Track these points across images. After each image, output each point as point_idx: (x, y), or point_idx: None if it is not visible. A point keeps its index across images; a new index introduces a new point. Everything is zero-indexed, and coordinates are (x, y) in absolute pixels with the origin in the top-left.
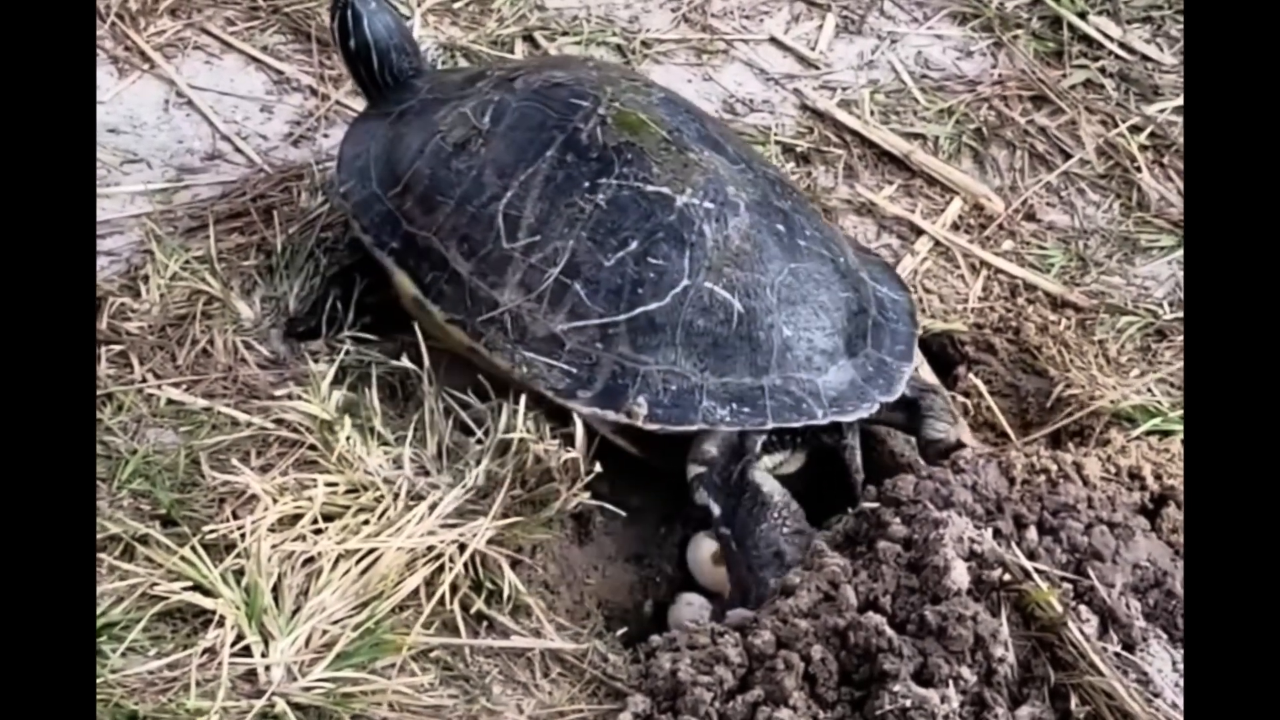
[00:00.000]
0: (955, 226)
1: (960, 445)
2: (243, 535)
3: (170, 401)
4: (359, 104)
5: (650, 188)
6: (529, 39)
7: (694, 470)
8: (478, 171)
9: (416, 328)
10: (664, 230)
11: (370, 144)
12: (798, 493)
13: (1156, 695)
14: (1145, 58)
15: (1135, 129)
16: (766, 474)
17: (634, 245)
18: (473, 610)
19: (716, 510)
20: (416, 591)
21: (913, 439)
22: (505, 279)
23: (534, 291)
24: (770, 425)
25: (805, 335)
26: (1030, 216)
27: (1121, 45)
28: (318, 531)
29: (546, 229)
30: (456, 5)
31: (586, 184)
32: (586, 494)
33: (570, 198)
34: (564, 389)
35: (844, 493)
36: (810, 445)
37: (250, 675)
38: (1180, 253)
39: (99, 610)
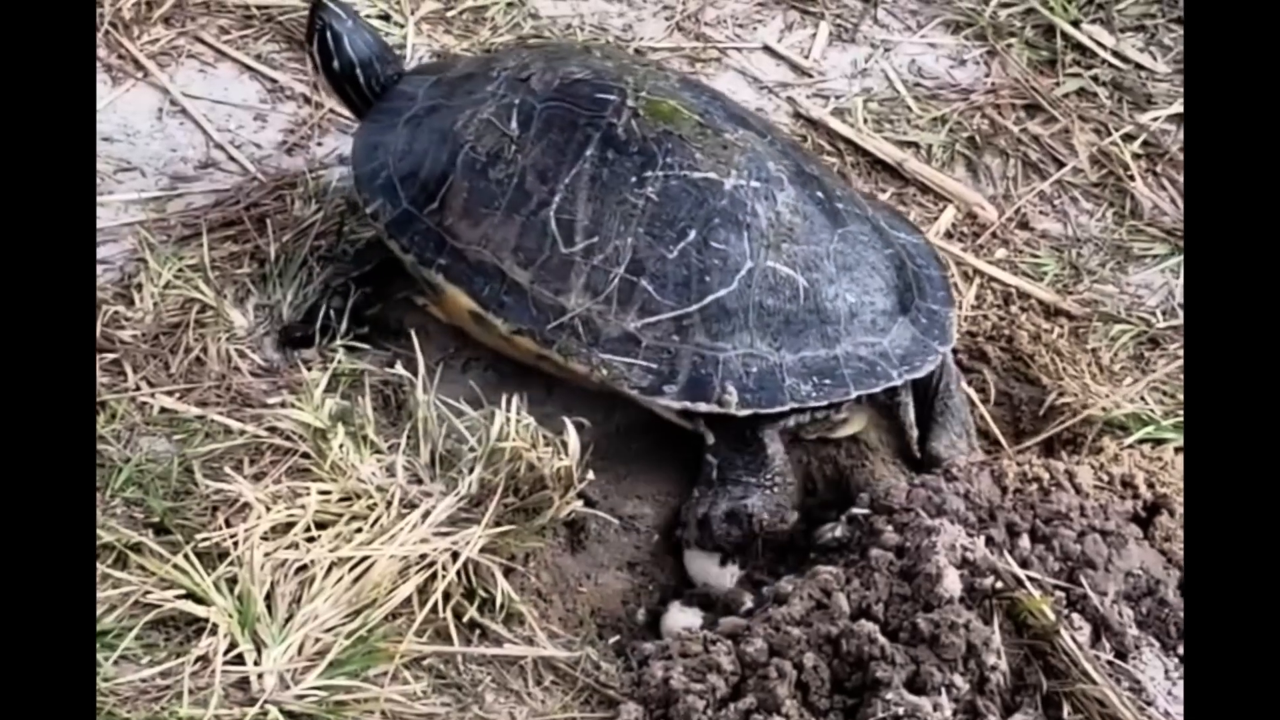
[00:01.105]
0: (949, 235)
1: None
2: (236, 543)
3: (163, 410)
4: (348, 110)
5: (697, 174)
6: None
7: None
8: (519, 179)
9: (414, 336)
10: (719, 215)
11: (388, 158)
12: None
13: (1149, 703)
14: (1138, 66)
15: (1128, 137)
16: (777, 441)
17: (693, 234)
18: (465, 618)
19: (710, 439)
20: (409, 599)
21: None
22: (569, 284)
23: (601, 293)
24: (854, 394)
25: (867, 299)
26: (1023, 225)
27: (1115, 54)
28: (311, 539)
29: (603, 229)
30: (450, 13)
31: (634, 178)
32: (579, 502)
33: (620, 194)
34: (648, 386)
35: (840, 495)
36: (868, 403)
37: (243, 683)
38: (1173, 261)
39: None
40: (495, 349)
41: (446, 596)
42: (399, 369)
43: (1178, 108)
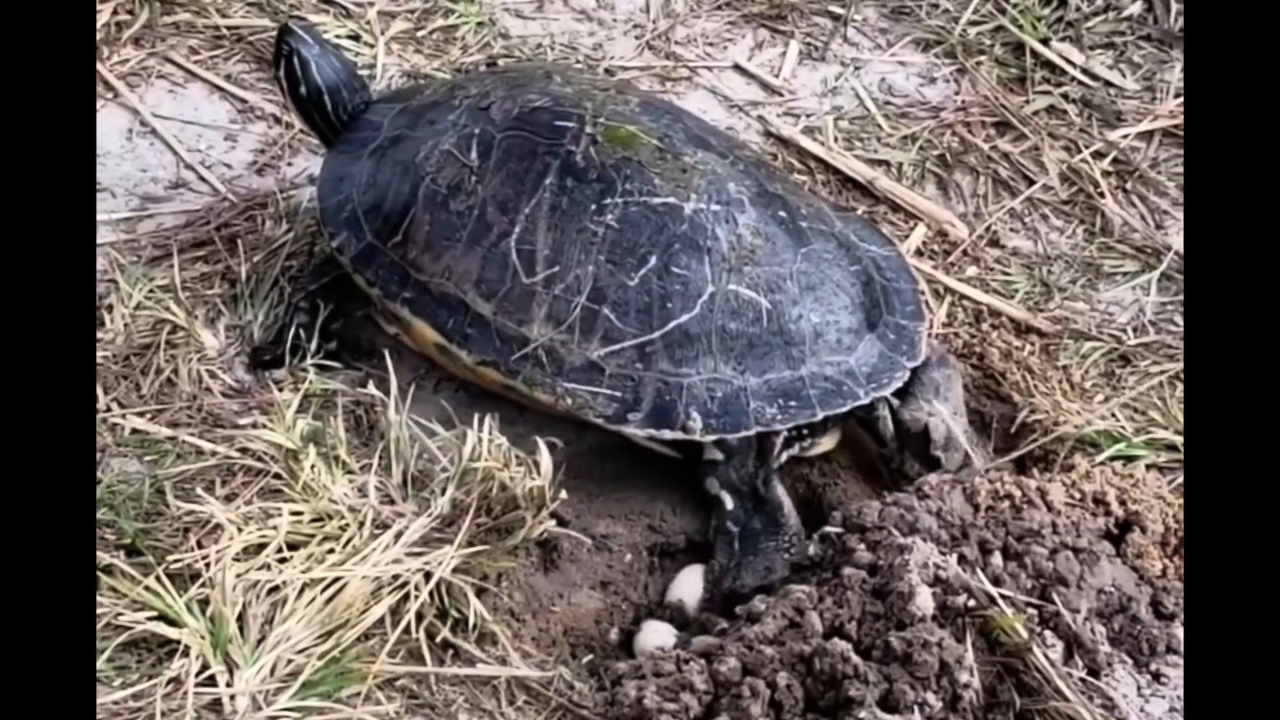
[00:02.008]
0: (919, 252)
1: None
2: (207, 564)
3: (135, 431)
4: (314, 135)
5: (657, 199)
6: (493, 66)
7: (710, 454)
8: (479, 210)
9: (387, 356)
10: (680, 240)
11: (352, 191)
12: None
13: None
14: (1108, 84)
15: (1098, 155)
16: (784, 491)
17: (653, 261)
18: (438, 639)
19: (729, 504)
20: (382, 620)
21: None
22: (531, 314)
23: (564, 322)
24: (820, 414)
25: (831, 318)
26: (994, 242)
27: (1084, 71)
28: (282, 560)
29: (563, 258)
30: (420, 33)
31: (593, 206)
32: (552, 521)
33: (580, 223)
34: (613, 414)
35: (814, 514)
36: (841, 421)
37: (215, 705)
38: (1144, 278)
39: None
40: (463, 378)
41: (419, 617)
42: (371, 389)
43: (1147, 125)
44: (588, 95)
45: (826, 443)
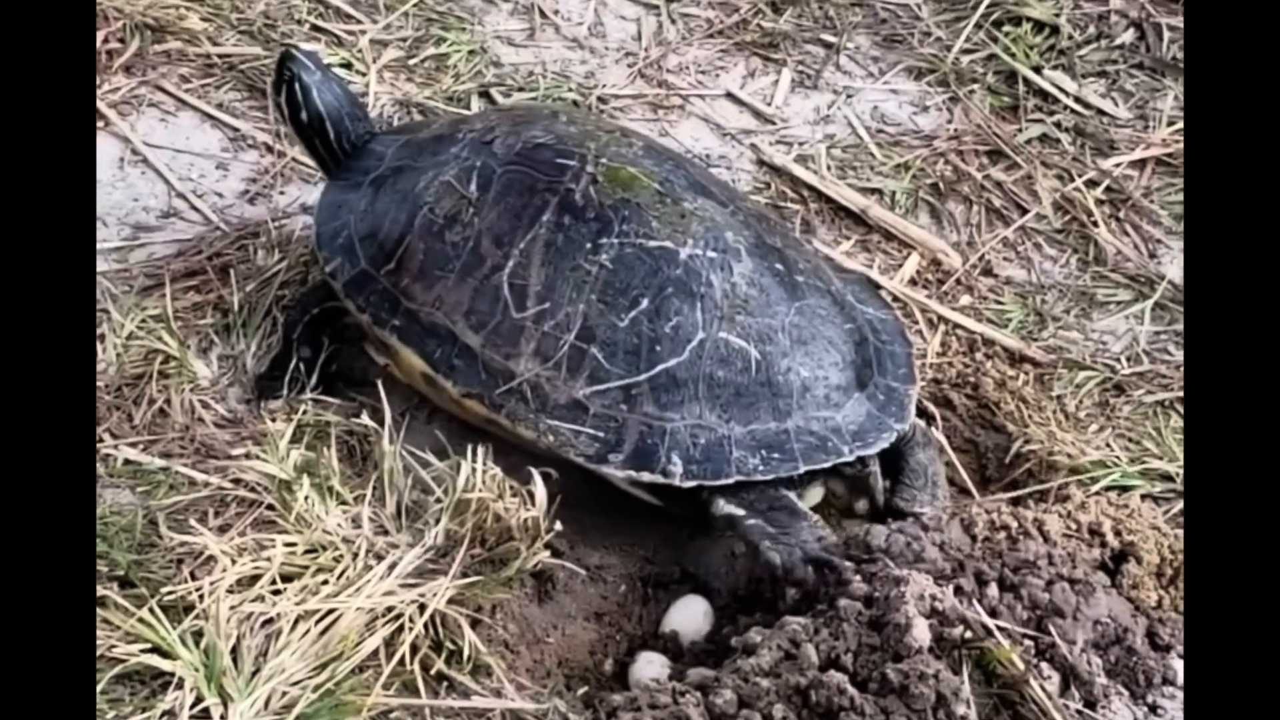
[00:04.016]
0: (913, 282)
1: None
2: (201, 596)
3: (127, 461)
4: (314, 162)
5: (653, 243)
6: (485, 95)
7: (717, 510)
8: (474, 242)
9: (380, 386)
10: (673, 284)
11: (349, 218)
12: None
13: None
14: (1100, 112)
15: (1091, 183)
16: (856, 490)
17: (645, 303)
18: (433, 670)
19: (741, 512)
20: (376, 652)
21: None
22: (519, 349)
23: (551, 359)
24: (802, 469)
25: (820, 373)
26: (987, 271)
27: (1077, 100)
28: (276, 592)
29: (555, 295)
30: (412, 62)
31: (588, 245)
32: (546, 552)
33: (574, 261)
34: (593, 454)
35: None
36: (833, 475)
37: None
38: (1137, 307)
39: None
40: (448, 410)
41: (414, 648)
42: (364, 419)
43: (1140, 153)
44: (592, 136)
45: (813, 496)
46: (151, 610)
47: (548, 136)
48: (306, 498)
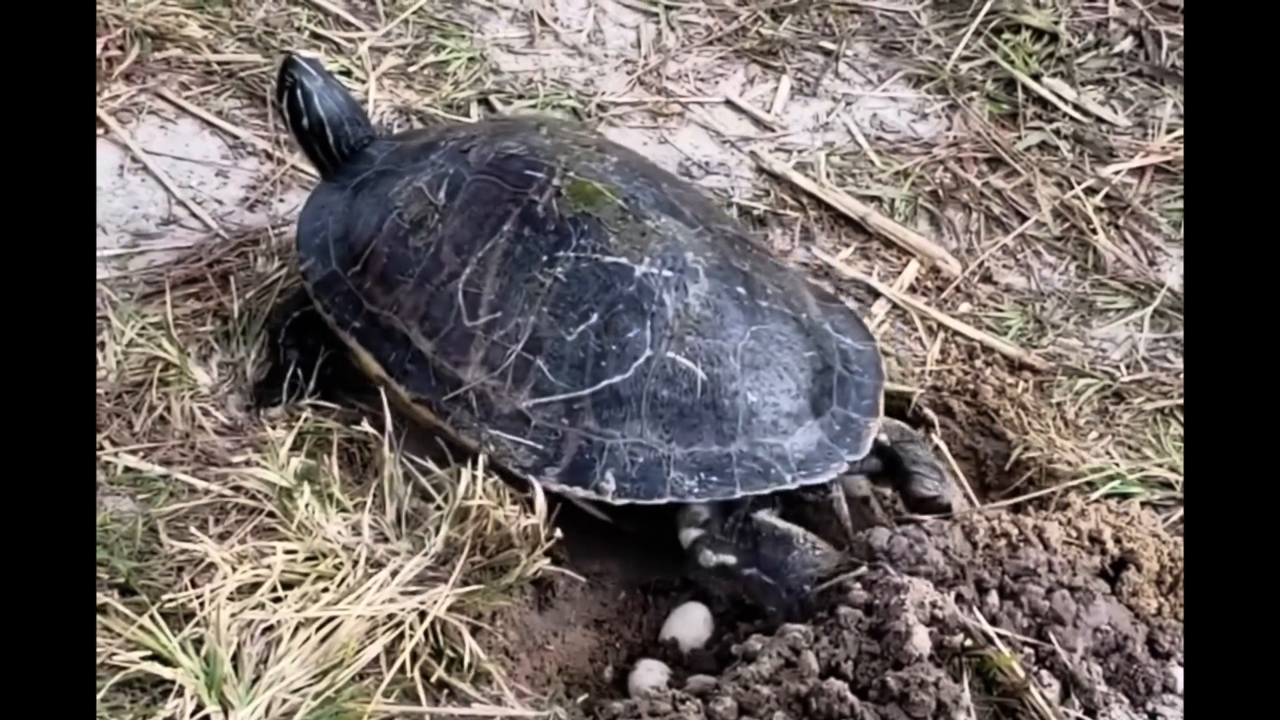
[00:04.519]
0: (912, 289)
1: (948, 506)
2: (201, 604)
3: (127, 469)
4: (315, 168)
5: (608, 258)
6: (484, 102)
7: (691, 535)
8: (435, 249)
9: (383, 394)
10: (624, 301)
11: (329, 219)
12: None
13: None
14: (1099, 120)
15: (1090, 191)
16: (768, 514)
17: (595, 318)
18: (433, 678)
19: (732, 560)
20: (377, 659)
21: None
22: (469, 357)
23: (497, 369)
24: (739, 494)
25: (770, 399)
26: (987, 279)
27: (1076, 107)
28: (277, 600)
29: (507, 305)
30: (411, 69)
31: (544, 257)
32: (546, 560)
33: (529, 272)
34: (531, 466)
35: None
36: (794, 501)
37: None
38: (1137, 314)
39: None
40: (403, 414)
41: (414, 656)
42: (365, 426)
43: (1139, 161)
44: (565, 149)
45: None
46: (152, 618)
47: (521, 148)
48: (307, 505)
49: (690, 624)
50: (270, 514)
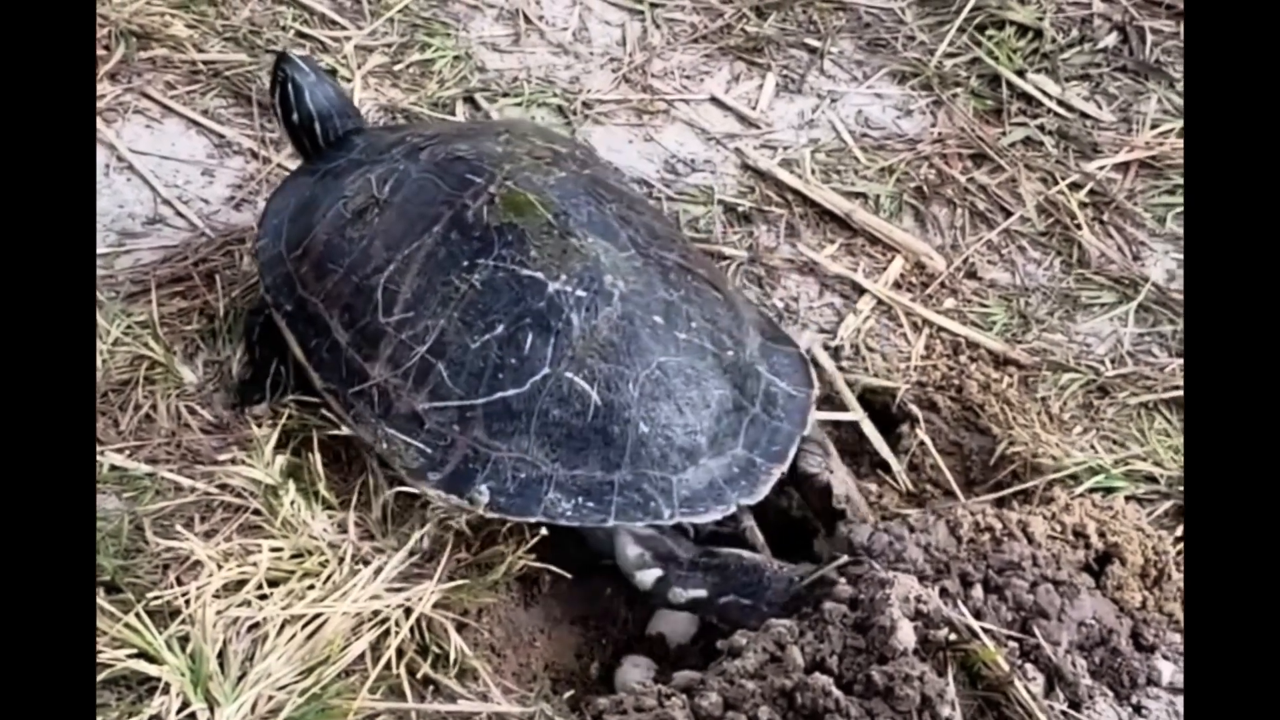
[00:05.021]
0: (897, 285)
1: (832, 490)
2: (187, 601)
3: (113, 467)
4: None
5: (525, 271)
6: (470, 100)
7: (650, 576)
8: (368, 242)
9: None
10: (532, 316)
11: (291, 201)
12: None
13: None
14: (1084, 115)
15: (1075, 186)
16: (730, 547)
17: (500, 329)
18: (419, 674)
19: (704, 593)
20: (362, 656)
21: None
22: (378, 353)
23: (401, 368)
24: (611, 523)
25: (664, 432)
26: (971, 274)
27: (1060, 103)
28: (263, 597)
29: (420, 306)
30: (397, 67)
31: (465, 263)
32: (532, 556)
33: (448, 276)
34: (416, 469)
35: (799, 541)
36: (706, 532)
37: None
38: (1121, 309)
39: None
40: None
41: (400, 653)
42: None
43: (1123, 156)
44: (513, 158)
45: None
46: (138, 615)
47: (470, 151)
48: (292, 502)
49: (675, 620)
50: (256, 511)
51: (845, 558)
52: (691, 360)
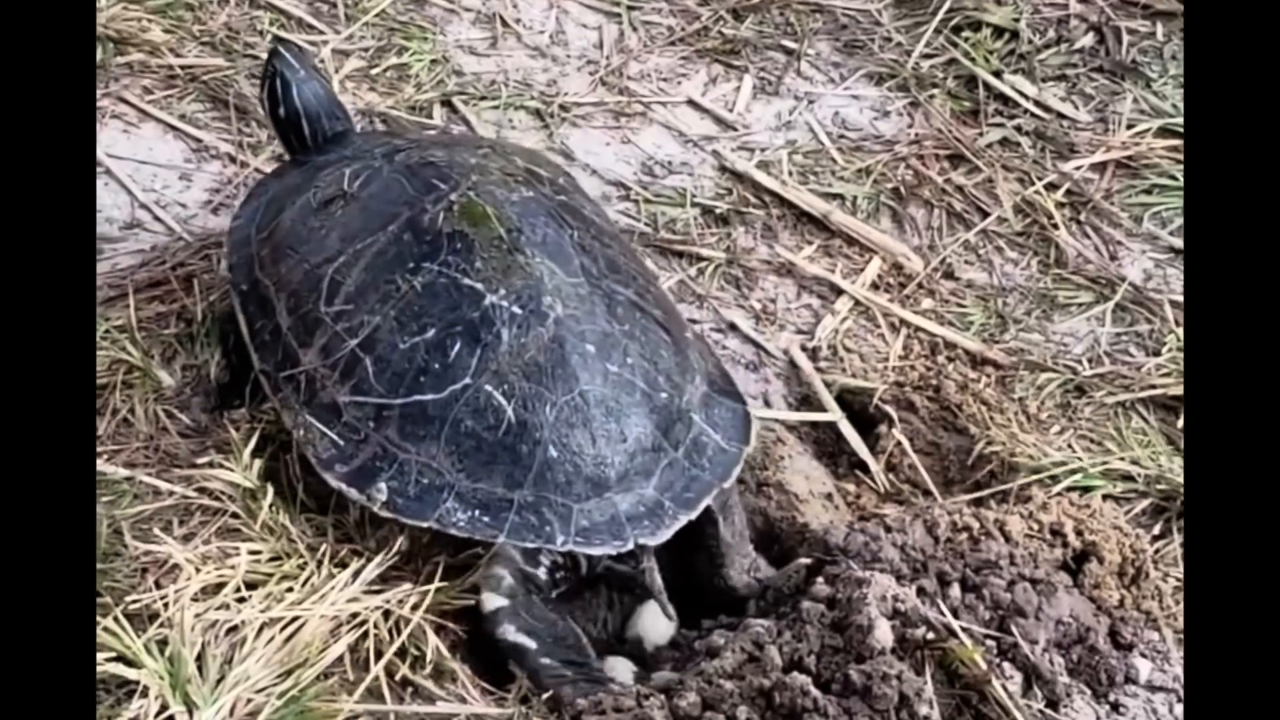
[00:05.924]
0: (875, 286)
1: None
2: (166, 605)
3: None
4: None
5: (466, 281)
6: (447, 104)
7: (494, 601)
8: (326, 232)
9: None
10: (463, 325)
11: (273, 188)
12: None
13: None
14: (1060, 115)
15: (1052, 186)
16: (625, 587)
17: (431, 333)
18: (398, 676)
19: (533, 646)
20: (341, 659)
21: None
22: (313, 340)
23: (331, 358)
24: (501, 540)
25: (573, 459)
26: (949, 275)
27: (1036, 103)
28: (241, 600)
29: (361, 300)
30: (374, 71)
31: (411, 264)
32: None
33: (392, 275)
34: (326, 459)
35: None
36: (601, 569)
37: None
38: (1098, 309)
39: None
40: None
41: (378, 655)
42: None
43: (1100, 156)
44: (484, 170)
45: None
46: (116, 619)
47: (444, 159)
48: (271, 506)
49: (655, 620)
50: (234, 515)
51: (809, 560)
52: (617, 394)
